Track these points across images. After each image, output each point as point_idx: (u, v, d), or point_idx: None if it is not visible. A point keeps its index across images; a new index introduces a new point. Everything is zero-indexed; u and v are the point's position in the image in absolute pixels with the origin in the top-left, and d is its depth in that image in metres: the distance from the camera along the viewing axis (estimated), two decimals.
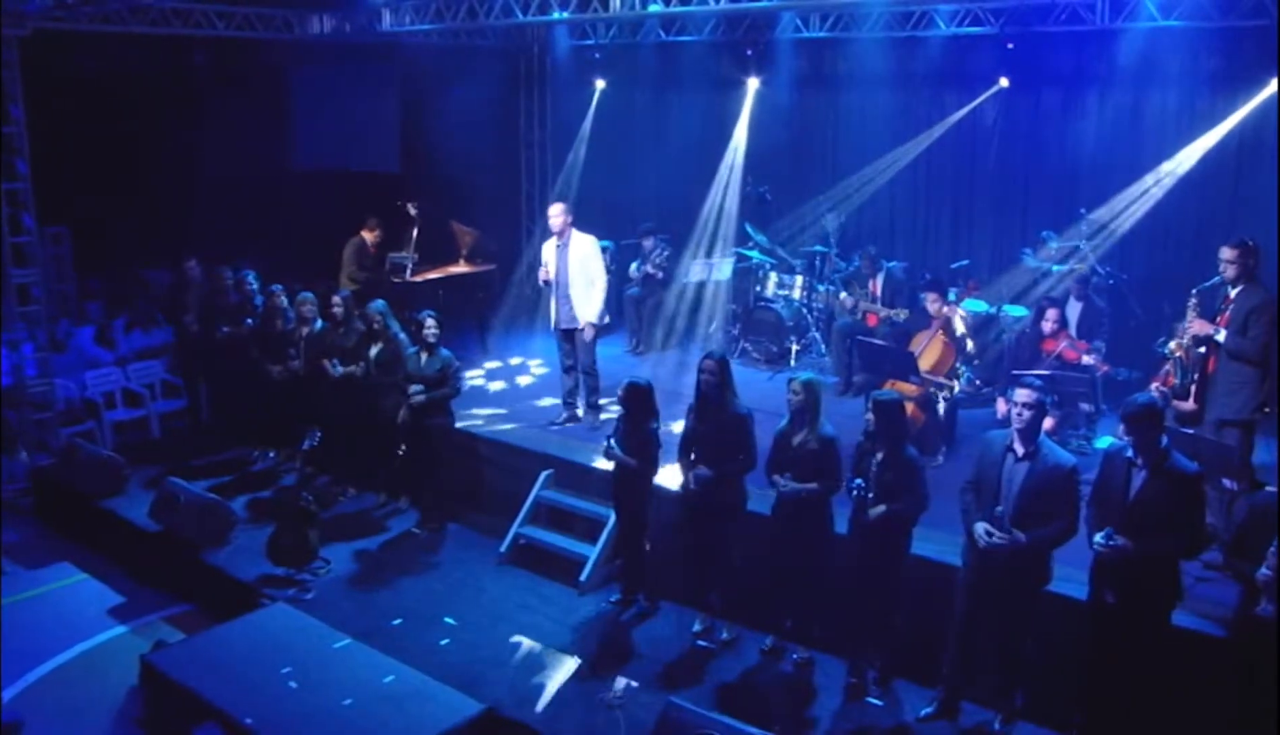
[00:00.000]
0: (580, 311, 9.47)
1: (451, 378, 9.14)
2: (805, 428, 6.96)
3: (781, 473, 6.98)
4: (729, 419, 7.27)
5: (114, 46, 11.46)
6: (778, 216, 13.32)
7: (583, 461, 9.22)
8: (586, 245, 9.49)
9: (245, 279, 10.98)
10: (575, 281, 9.40)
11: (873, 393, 6.92)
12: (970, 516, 6.27)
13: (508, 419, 10.43)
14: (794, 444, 7.00)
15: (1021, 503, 6.09)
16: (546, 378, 11.89)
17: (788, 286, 12.44)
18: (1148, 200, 10.58)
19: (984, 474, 6.27)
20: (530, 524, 9.10)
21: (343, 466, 10.16)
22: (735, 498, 7.40)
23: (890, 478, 6.55)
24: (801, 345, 12.22)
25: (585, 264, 9.41)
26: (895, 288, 11.14)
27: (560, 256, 9.47)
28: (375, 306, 9.67)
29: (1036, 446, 6.14)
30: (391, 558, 9.03)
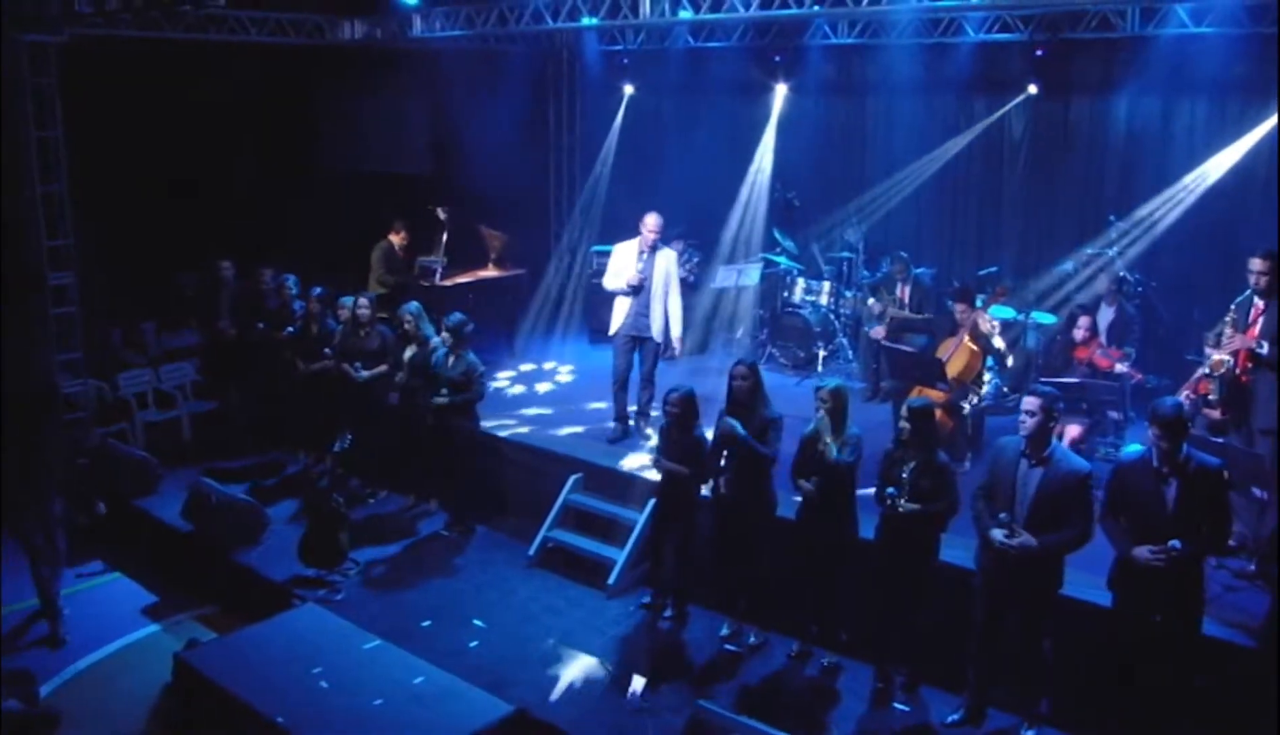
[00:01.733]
0: (660, 324, 9.45)
1: (475, 382, 9.15)
2: (835, 434, 6.96)
3: (807, 477, 6.98)
4: (759, 421, 7.29)
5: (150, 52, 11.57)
6: (806, 222, 13.33)
7: (611, 465, 9.23)
8: (671, 259, 9.54)
9: (285, 283, 11.05)
10: (657, 294, 9.41)
11: (907, 400, 6.93)
12: (983, 522, 6.32)
13: (537, 422, 10.47)
14: (819, 449, 7.01)
15: (1035, 508, 6.12)
16: (576, 383, 11.95)
17: (815, 292, 12.44)
18: (1177, 207, 10.51)
19: (997, 479, 6.30)
20: (559, 527, 9.12)
21: (373, 468, 10.19)
22: (766, 501, 7.41)
23: (926, 484, 6.58)
24: (829, 351, 12.21)
25: (669, 278, 9.45)
26: (923, 294, 11.13)
27: (648, 266, 9.42)
28: (409, 309, 9.72)
29: (1050, 452, 6.16)
30: (420, 560, 9.06)
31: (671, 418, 7.63)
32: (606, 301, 12.98)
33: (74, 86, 10.46)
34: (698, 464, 7.59)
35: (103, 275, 11.61)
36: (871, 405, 10.69)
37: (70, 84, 10.36)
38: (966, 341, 9.28)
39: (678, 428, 7.65)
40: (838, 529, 7.05)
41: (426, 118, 14.63)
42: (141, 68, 12.05)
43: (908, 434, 6.63)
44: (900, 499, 6.56)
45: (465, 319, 9.31)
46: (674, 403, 7.63)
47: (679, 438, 7.64)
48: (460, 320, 9.26)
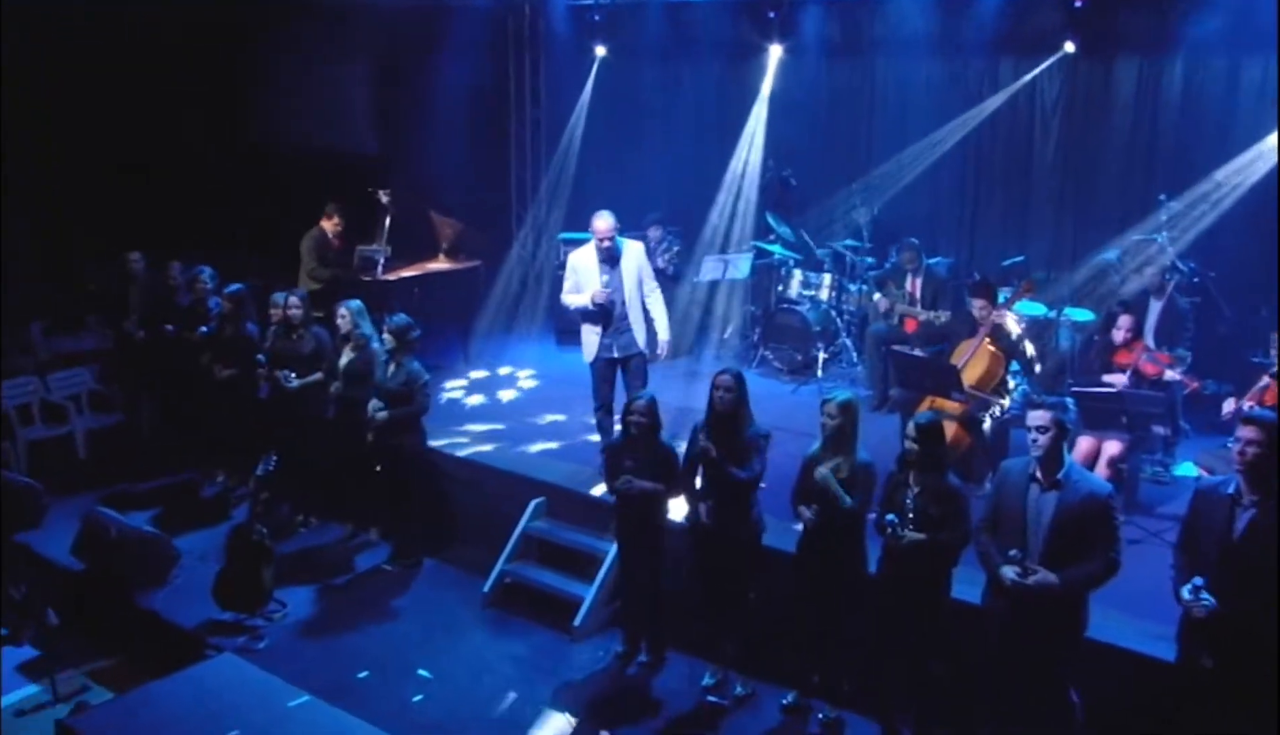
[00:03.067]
0: (642, 336, 9.13)
1: (417, 393, 9.10)
2: (839, 454, 6.93)
3: (808, 503, 6.95)
4: (742, 440, 7.26)
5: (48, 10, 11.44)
6: (803, 206, 13.27)
7: (577, 488, 9.19)
8: (638, 253, 9.14)
9: (199, 277, 10.92)
10: (633, 302, 9.06)
11: (915, 415, 6.89)
12: (990, 560, 6.28)
13: (494, 438, 10.43)
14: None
15: (1053, 539, 6.07)
16: (540, 391, 11.92)
17: (814, 286, 12.42)
18: (1241, 185, 10.42)
19: (1005, 509, 6.26)
20: (518, 560, 9.10)
21: (303, 493, 10.15)
22: (750, 528, 7.40)
23: (934, 511, 6.54)
24: (830, 353, 12.19)
25: (642, 275, 9.12)
26: (937, 288, 11.06)
27: (614, 276, 9.04)
28: (349, 306, 9.64)
29: (1065, 473, 6.12)
30: (358, 599, 9.00)
31: (641, 428, 7.60)
32: None
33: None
34: (670, 478, 7.59)
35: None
36: (878, 416, 10.66)
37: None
38: (986, 344, 9.22)
39: (645, 440, 7.62)
40: (843, 563, 7.01)
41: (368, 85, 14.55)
42: (39, 29, 11.92)
43: (914, 454, 6.58)
44: (902, 527, 6.51)
45: (411, 322, 9.23)
46: (641, 411, 7.60)
47: (647, 451, 7.61)
48: (405, 323, 9.17)
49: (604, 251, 8.98)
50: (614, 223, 9.00)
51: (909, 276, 11.21)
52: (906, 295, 11.19)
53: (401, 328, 9.13)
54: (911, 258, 11.19)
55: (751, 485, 7.26)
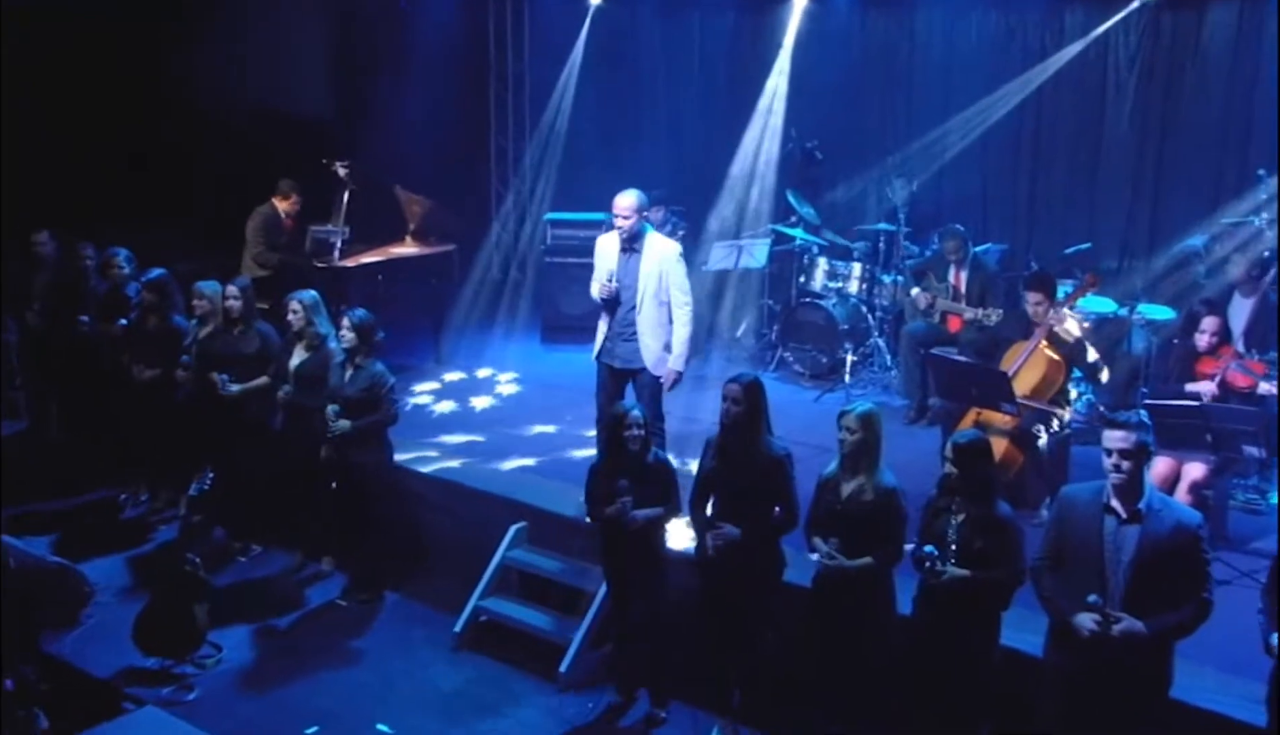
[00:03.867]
0: (653, 349, 8.98)
1: (383, 401, 9.09)
2: (859, 476, 6.93)
3: (825, 534, 6.95)
4: (761, 461, 7.25)
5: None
6: (830, 183, 13.24)
7: (565, 511, 9.17)
8: (668, 255, 9.00)
9: (114, 260, 10.86)
10: (645, 306, 8.94)
11: (954, 434, 6.85)
12: (1055, 605, 6.19)
13: (469, 452, 10.44)
14: (843, 497, 6.96)
15: (1136, 580, 5.98)
16: (523, 397, 11.94)
17: (842, 277, 12.42)
18: None
19: (1074, 544, 6.17)
20: (495, 594, 9.11)
21: (244, 516, 10.12)
22: (768, 565, 7.39)
23: (980, 544, 6.52)
24: (859, 356, 12.19)
25: (662, 282, 8.97)
26: (986, 280, 11.06)
27: (626, 266, 9.01)
28: (301, 298, 9.58)
29: (1147, 503, 6.06)
30: (307, 641, 8.96)
31: (637, 442, 7.60)
32: (564, 286, 13.07)
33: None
34: (669, 499, 7.62)
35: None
36: (916, 429, 10.70)
37: None
38: (1043, 347, 9.19)
39: (639, 457, 7.63)
40: (867, 602, 6.98)
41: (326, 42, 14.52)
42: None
43: (955, 479, 6.57)
44: (943, 562, 6.49)
45: (373, 318, 9.19)
46: (639, 423, 7.59)
47: (641, 470, 7.62)
48: (366, 318, 9.13)
49: (622, 236, 8.94)
50: (635, 202, 8.89)
51: (953, 267, 11.18)
52: (950, 289, 11.16)
53: (363, 323, 9.06)
54: (956, 245, 11.12)
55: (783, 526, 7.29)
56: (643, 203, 8.94)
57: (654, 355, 8.92)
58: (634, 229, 8.91)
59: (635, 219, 8.88)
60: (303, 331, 9.51)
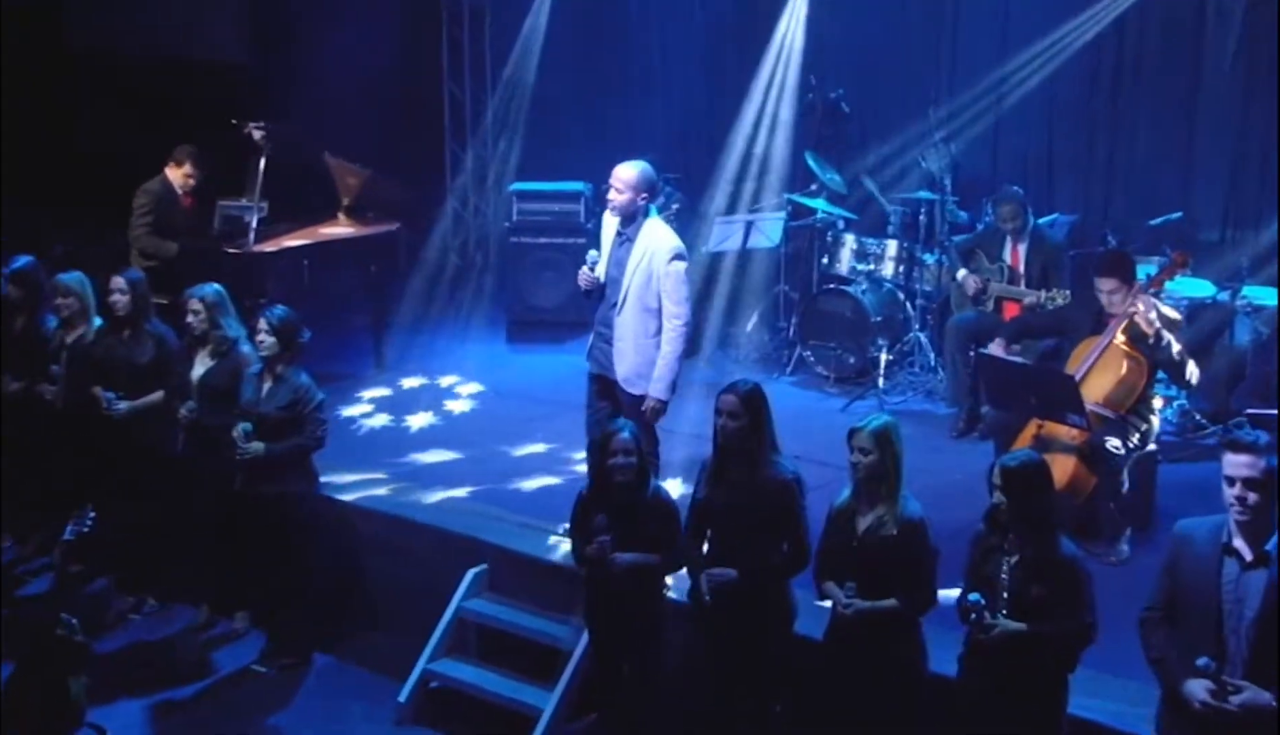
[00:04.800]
0: (630, 362, 8.95)
1: (308, 419, 9.09)
2: (878, 505, 6.91)
3: (839, 577, 6.93)
4: (764, 487, 7.24)
5: None
6: (860, 143, 13.21)
7: (533, 551, 9.21)
8: (659, 252, 8.91)
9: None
10: (631, 306, 8.93)
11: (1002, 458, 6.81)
12: (1169, 667, 6.11)
13: (416, 480, 10.45)
14: (859, 532, 6.94)
15: (1262, 639, 5.89)
16: (485, 411, 12.00)
17: (874, 258, 12.47)
18: None
19: (1188, 594, 6.08)
20: (449, 655, 9.14)
21: (135, 564, 10.06)
22: (774, 615, 7.39)
23: (1039, 592, 6.47)
24: (896, 354, 12.25)
25: (650, 284, 8.94)
26: (1049, 258, 11.05)
27: (617, 255, 9.05)
28: (200, 294, 9.55)
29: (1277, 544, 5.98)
30: (217, 717, 8.92)
31: (625, 473, 7.55)
32: (534, 273, 13.05)
33: None
34: (669, 544, 7.55)
35: None
36: (966, 445, 10.75)
37: None
38: (1120, 343, 9.17)
39: (630, 490, 7.58)
40: (891, 656, 6.99)
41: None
42: None
43: (1004, 509, 6.53)
44: (993, 612, 6.46)
45: (297, 316, 9.18)
46: (625, 449, 7.54)
47: (633, 506, 7.57)
48: (288, 317, 9.13)
49: (619, 211, 8.93)
50: (635, 177, 8.84)
51: (1009, 242, 11.20)
52: (1005, 269, 11.17)
53: (283, 323, 9.04)
54: (1013, 212, 11.10)
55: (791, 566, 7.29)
56: (646, 179, 8.87)
57: (630, 369, 8.87)
58: (625, 208, 8.86)
59: (630, 197, 8.82)
60: (206, 335, 9.47)
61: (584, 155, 9.14)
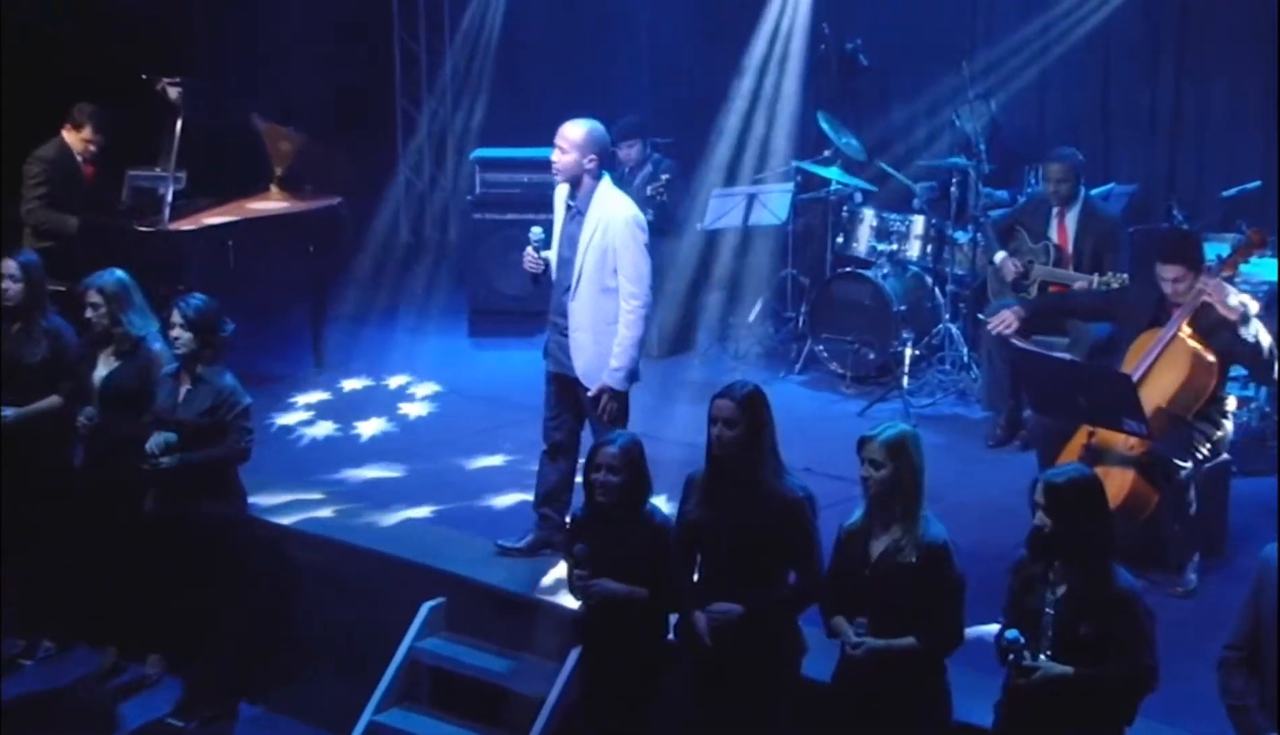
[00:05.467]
0: (589, 353, 9.05)
1: (231, 426, 9.04)
2: (893, 527, 6.89)
3: (849, 611, 6.92)
4: (767, 506, 7.21)
5: None
6: (881, 101, 13.19)
7: (498, 581, 9.25)
8: (615, 222, 8.99)
9: None
10: (586, 289, 9.03)
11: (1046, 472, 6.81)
12: (1253, 718, 6.15)
13: (360, 498, 10.49)
14: (873, 558, 6.93)
15: None
16: (442, 417, 12.09)
17: (898, 236, 12.55)
18: None
19: (1271, 630, 6.11)
20: (399, 704, 9.14)
21: (28, 601, 10.03)
22: (781, 656, 7.40)
23: (1088, 631, 6.44)
24: (924, 349, 12.38)
25: (606, 260, 9.01)
26: (1103, 235, 11.06)
27: (567, 230, 9.18)
28: (102, 282, 9.52)
29: None
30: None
31: (607, 492, 7.52)
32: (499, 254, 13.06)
33: None
34: (659, 577, 7.52)
35: None
36: (1005, 456, 10.83)
37: None
38: (1186, 337, 9.18)
39: (618, 509, 7.54)
40: (910, 702, 6.99)
41: None
42: None
43: (1048, 532, 6.50)
44: (1034, 653, 6.45)
45: (218, 306, 9.17)
46: (609, 464, 7.49)
47: (621, 529, 7.56)
48: (207, 308, 9.10)
49: (564, 174, 9.00)
50: (583, 136, 8.89)
51: (1055, 217, 11.21)
52: (1051, 250, 11.15)
53: (202, 316, 9.00)
54: (1064, 174, 11.08)
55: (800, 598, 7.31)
56: (595, 140, 8.90)
57: (589, 362, 8.97)
58: (568, 170, 8.94)
59: (574, 158, 8.87)
60: (109, 331, 9.43)
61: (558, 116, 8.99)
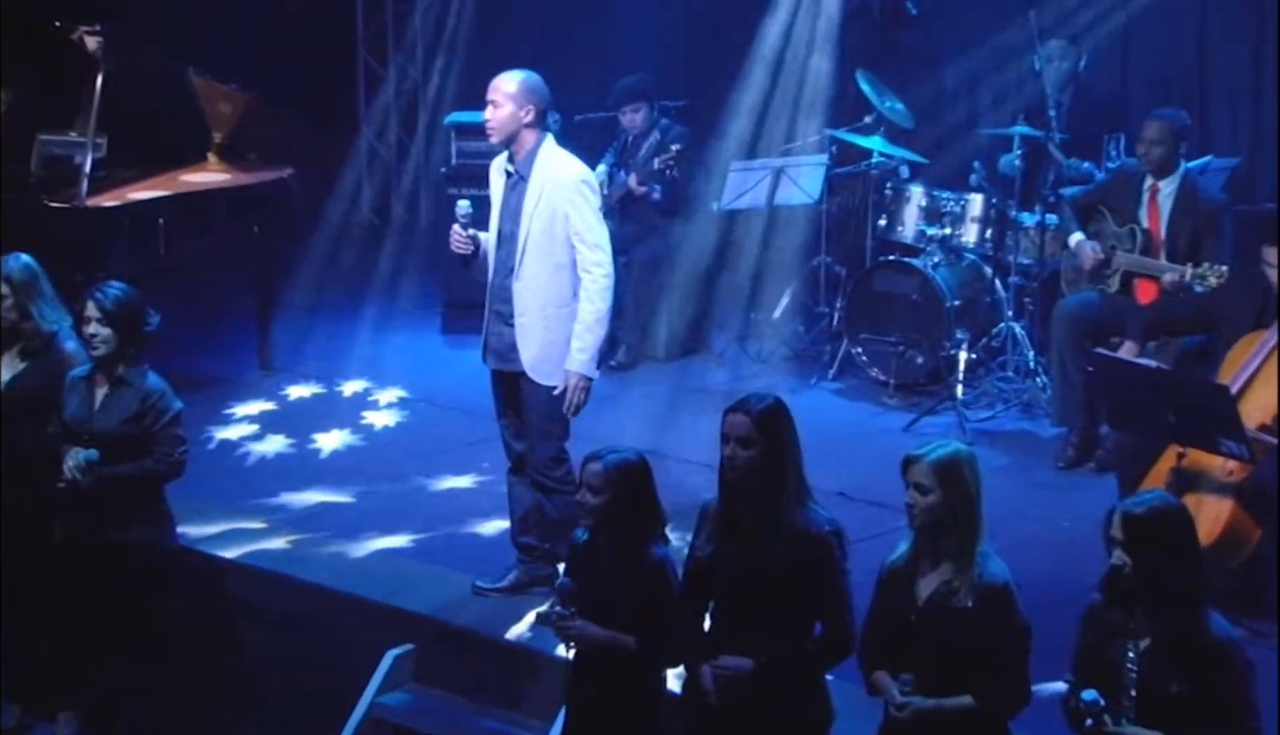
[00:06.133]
0: (536, 342, 9.14)
1: (158, 437, 9.00)
2: (944, 565, 6.82)
3: (894, 665, 6.84)
4: (789, 542, 7.08)
5: None
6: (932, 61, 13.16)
7: (473, 624, 9.35)
8: (564, 183, 9.13)
9: None
10: (533, 265, 9.13)
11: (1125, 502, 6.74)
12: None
13: (316, 525, 10.59)
14: (920, 601, 6.86)
15: None
16: (412, 426, 12.27)
17: (951, 219, 12.60)
18: None
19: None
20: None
21: None
22: (803, 716, 7.30)
23: (1178, 689, 6.32)
24: (980, 351, 12.48)
25: (554, 227, 9.14)
26: (1202, 218, 11.08)
27: (509, 200, 9.26)
28: (10, 269, 9.46)
29: None
30: None
31: (589, 515, 7.53)
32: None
33: None
34: (657, 623, 7.44)
35: None
36: (1077, 480, 10.87)
37: None
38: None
39: (608, 540, 7.53)
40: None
41: None
42: None
43: (1126, 572, 6.44)
44: (1114, 716, 6.34)
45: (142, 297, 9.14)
46: (594, 483, 7.43)
47: (613, 564, 7.52)
48: (128, 299, 9.02)
49: (499, 136, 9.12)
50: (516, 86, 8.98)
51: (1146, 194, 11.23)
52: (1139, 234, 11.18)
53: (123, 307, 8.95)
54: (1161, 135, 11.06)
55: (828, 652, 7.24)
56: (532, 91, 9.00)
57: (539, 353, 9.07)
58: (503, 127, 9.01)
59: (510, 112, 8.95)
60: (17, 327, 9.39)
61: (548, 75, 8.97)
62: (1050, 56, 12.38)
